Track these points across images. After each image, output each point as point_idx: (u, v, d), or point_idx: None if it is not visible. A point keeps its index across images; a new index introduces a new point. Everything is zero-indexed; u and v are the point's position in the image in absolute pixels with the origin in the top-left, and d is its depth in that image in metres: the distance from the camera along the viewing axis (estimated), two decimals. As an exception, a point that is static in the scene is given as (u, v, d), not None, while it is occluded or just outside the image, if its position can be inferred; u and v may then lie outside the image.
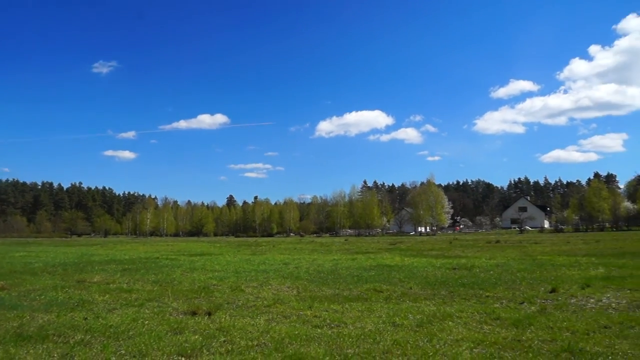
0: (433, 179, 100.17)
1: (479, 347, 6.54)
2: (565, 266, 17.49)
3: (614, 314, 8.65)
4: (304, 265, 20.49)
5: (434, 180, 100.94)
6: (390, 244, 44.47)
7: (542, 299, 10.51)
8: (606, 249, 27.90)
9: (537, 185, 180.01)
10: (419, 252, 30.08)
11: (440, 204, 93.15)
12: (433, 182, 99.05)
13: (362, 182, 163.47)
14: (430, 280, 14.12)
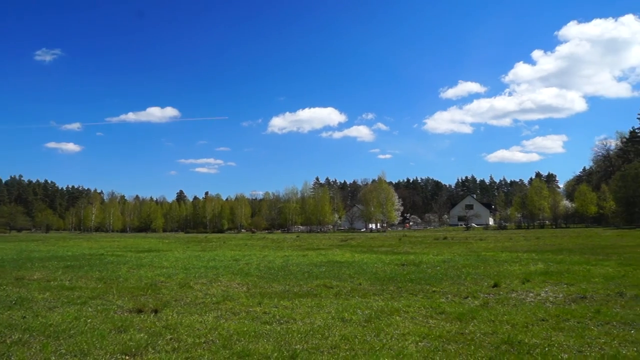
0: (384, 176, 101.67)
1: (425, 341, 6.71)
2: (508, 262, 18.17)
3: (551, 308, 9.06)
4: (255, 261, 20.37)
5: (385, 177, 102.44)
6: (341, 240, 44.84)
7: (485, 294, 10.88)
8: (545, 246, 29.18)
9: (483, 184, 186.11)
10: (369, 248, 30.49)
11: (390, 201, 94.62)
12: (384, 179, 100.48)
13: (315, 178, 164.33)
14: (379, 276, 14.34)
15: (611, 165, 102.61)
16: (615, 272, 14.16)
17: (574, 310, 8.73)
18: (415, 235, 54.82)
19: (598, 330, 7.14)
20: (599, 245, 27.61)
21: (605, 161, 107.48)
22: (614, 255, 20.43)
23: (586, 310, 8.60)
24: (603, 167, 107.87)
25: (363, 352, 6.19)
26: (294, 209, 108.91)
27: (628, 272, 14.04)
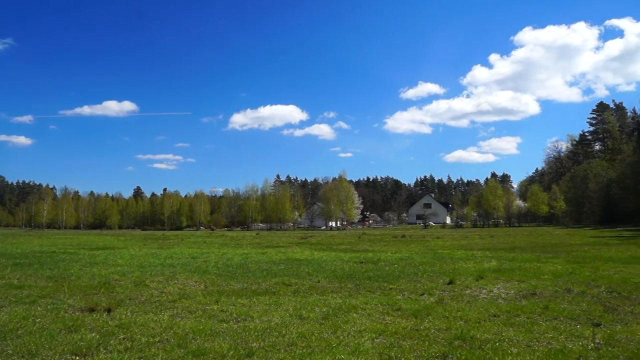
0: (345, 175, 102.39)
1: (380, 337, 6.80)
2: (463, 260, 18.62)
3: (503, 304, 9.34)
4: (213, 259, 20.13)
5: (346, 176, 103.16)
6: (301, 238, 44.87)
7: (440, 291, 11.11)
8: (499, 244, 30.07)
9: (441, 183, 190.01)
10: (329, 246, 30.64)
11: (350, 199, 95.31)
12: (344, 178, 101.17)
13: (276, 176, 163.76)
14: (338, 274, 14.43)
15: (562, 167, 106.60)
16: (563, 269, 14.72)
17: (524, 306, 9.02)
18: (375, 234, 55.43)
19: (546, 325, 7.41)
20: (549, 244, 28.64)
21: (557, 163, 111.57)
22: (562, 253, 21.24)
23: (535, 306, 8.90)
24: (554, 168, 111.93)
25: (320, 349, 6.21)
26: (254, 206, 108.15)
27: (575, 269, 14.61)
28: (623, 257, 18.49)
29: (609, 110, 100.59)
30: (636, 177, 54.58)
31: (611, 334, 6.72)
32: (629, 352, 5.80)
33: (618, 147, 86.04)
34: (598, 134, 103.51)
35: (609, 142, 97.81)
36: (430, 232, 57.72)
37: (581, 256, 19.32)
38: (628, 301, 9.36)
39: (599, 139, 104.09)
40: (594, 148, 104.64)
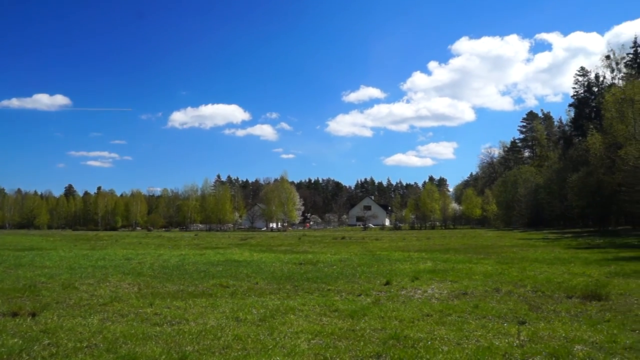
0: (286, 176, 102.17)
1: (317, 338, 6.83)
2: (400, 261, 19.04)
3: (436, 303, 9.63)
4: (149, 260, 19.55)
5: (287, 177, 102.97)
6: (241, 239, 44.42)
7: (377, 291, 11.30)
8: (435, 245, 31.00)
9: (380, 186, 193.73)
10: (269, 247, 30.50)
11: (292, 200, 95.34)
12: (286, 179, 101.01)
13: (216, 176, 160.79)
14: (276, 275, 14.39)
15: (494, 172, 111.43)
16: (493, 269, 15.37)
17: (456, 305, 9.34)
18: (315, 235, 55.71)
19: (475, 324, 7.70)
20: (481, 245, 29.83)
21: (490, 168, 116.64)
22: (493, 254, 22.18)
23: (466, 305, 9.23)
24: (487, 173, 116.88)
25: (255, 352, 6.16)
26: (193, 206, 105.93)
27: (504, 269, 15.29)
28: (548, 258, 19.53)
29: (537, 119, 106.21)
30: (561, 183, 57.85)
31: (535, 331, 7.07)
32: (550, 349, 6.13)
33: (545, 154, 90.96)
34: (527, 141, 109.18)
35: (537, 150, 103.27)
36: (370, 234, 58.69)
37: (510, 257, 20.25)
38: (551, 300, 9.89)
39: (528, 146, 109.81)
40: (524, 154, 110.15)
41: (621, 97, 40.25)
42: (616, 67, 60.93)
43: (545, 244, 29.94)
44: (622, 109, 39.51)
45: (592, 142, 47.65)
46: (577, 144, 65.01)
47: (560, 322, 7.72)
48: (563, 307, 9.00)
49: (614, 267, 15.36)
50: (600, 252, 22.07)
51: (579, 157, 57.79)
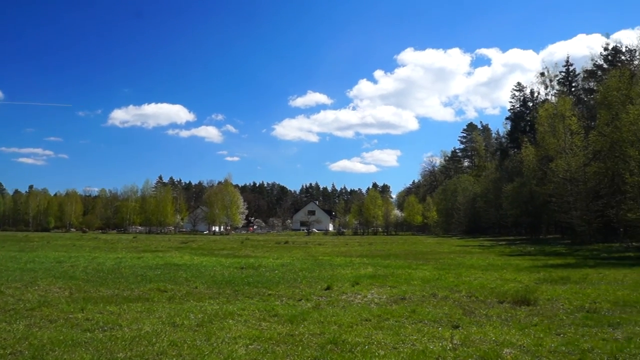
0: (230, 179, 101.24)
1: (255, 343, 6.77)
2: (342, 266, 19.21)
3: (375, 308, 9.77)
4: (82, 263, 18.77)
5: (232, 180, 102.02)
6: (181, 242, 43.46)
7: (318, 296, 11.35)
8: (376, 251, 31.52)
9: (325, 191, 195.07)
10: (210, 251, 30.01)
11: (235, 204, 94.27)
12: (230, 182, 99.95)
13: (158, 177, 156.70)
14: (217, 280, 14.17)
15: (435, 180, 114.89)
16: (431, 275, 15.79)
17: (394, 310, 9.52)
18: (258, 239, 55.30)
19: (412, 328, 7.87)
20: (420, 252, 30.60)
21: (431, 176, 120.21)
22: (432, 260, 22.80)
23: (404, 310, 9.43)
24: (429, 181, 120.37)
25: (191, 358, 6.03)
26: (132, 208, 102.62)
27: (442, 275, 15.75)
28: (483, 264, 20.29)
29: (476, 131, 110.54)
30: (497, 192, 60.37)
31: (467, 335, 7.32)
32: (480, 352, 6.36)
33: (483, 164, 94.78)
34: (467, 151, 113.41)
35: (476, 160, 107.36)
36: (313, 239, 58.89)
37: (447, 263, 20.87)
38: (484, 305, 10.27)
39: (467, 156, 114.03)
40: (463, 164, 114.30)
41: (553, 113, 42.49)
42: (550, 84, 64.36)
43: (481, 251, 31.08)
44: (553, 124, 41.71)
45: (526, 154, 49.96)
46: (512, 155, 67.99)
47: (491, 326, 8.02)
48: (495, 312, 9.36)
49: (543, 274, 16.14)
50: (531, 260, 23.15)
51: (514, 168, 60.55)
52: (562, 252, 29.39)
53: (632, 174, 28.44)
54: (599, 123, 36.16)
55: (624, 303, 10.14)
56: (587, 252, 29.15)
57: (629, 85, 32.64)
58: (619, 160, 31.67)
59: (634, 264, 19.97)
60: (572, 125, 39.92)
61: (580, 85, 62.69)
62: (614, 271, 16.90)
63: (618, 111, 31.51)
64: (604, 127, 34.26)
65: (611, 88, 33.83)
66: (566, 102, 42.79)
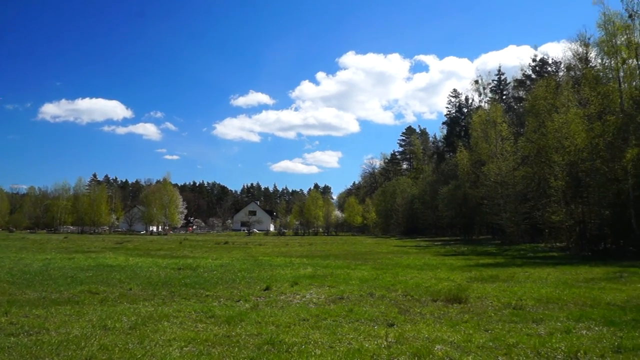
0: (169, 177, 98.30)
1: (190, 345, 6.63)
2: (281, 266, 19.18)
3: (313, 308, 9.82)
4: (7, 265, 17.73)
5: (170, 179, 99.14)
6: (116, 242, 41.92)
7: (256, 297, 11.27)
8: (316, 251, 31.69)
9: (267, 192, 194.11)
10: (147, 251, 29.12)
11: (174, 203, 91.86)
12: (169, 180, 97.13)
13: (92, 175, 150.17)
14: (152, 281, 13.79)
15: (375, 182, 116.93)
16: (369, 275, 16.06)
17: (332, 309, 9.60)
18: (197, 239, 54.23)
19: (349, 327, 7.97)
20: (359, 252, 31.06)
21: (371, 178, 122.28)
22: (370, 260, 23.20)
23: (342, 310, 9.53)
24: (369, 182, 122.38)
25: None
26: (64, 207, 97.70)
27: (379, 275, 16.05)
28: (419, 264, 20.86)
29: (415, 134, 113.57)
30: (434, 194, 62.30)
31: (401, 333, 7.50)
32: (413, 349, 6.53)
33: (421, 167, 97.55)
34: (406, 154, 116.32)
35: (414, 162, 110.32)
36: (253, 239, 58.43)
37: (385, 263, 21.31)
38: (419, 303, 10.56)
39: (406, 158, 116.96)
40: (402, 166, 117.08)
41: (486, 119, 44.47)
42: (483, 91, 67.32)
43: (417, 251, 31.96)
44: (486, 130, 43.64)
45: (460, 158, 51.93)
46: (448, 159, 70.50)
47: (425, 324, 8.26)
48: (428, 310, 9.64)
49: (474, 273, 16.81)
50: (464, 259, 24.06)
51: (449, 171, 62.75)
52: (492, 252, 30.72)
53: (557, 178, 30.15)
54: (527, 130, 38.19)
55: (547, 300, 10.73)
56: (515, 252, 30.65)
57: (555, 95, 34.61)
58: (544, 165, 33.55)
59: (557, 263, 21.19)
60: (503, 131, 41.90)
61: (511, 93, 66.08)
62: (538, 270, 17.86)
63: (544, 119, 33.34)
64: (531, 133, 36.14)
65: (538, 97, 35.73)
66: (498, 109, 44.86)
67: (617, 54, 27.27)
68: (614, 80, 27.97)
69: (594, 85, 28.97)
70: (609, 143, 26.05)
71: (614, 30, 27.26)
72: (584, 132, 28.37)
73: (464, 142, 56.97)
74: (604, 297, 11.03)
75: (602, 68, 29.46)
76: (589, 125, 28.39)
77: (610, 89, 27.74)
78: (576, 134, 28.76)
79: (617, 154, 25.37)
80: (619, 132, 25.59)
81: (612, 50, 27.30)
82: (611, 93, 27.60)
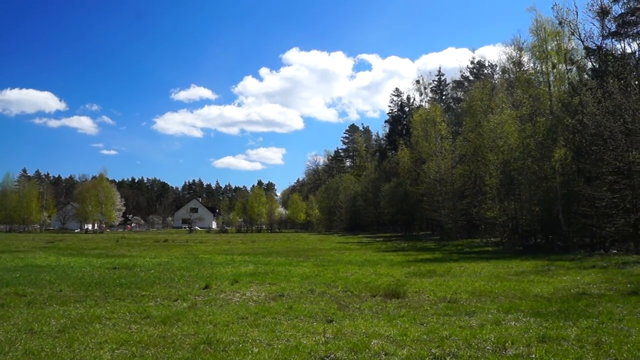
0: (106, 173, 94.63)
1: (122, 348, 6.43)
2: (222, 264, 18.95)
3: (253, 306, 9.77)
4: None
5: (107, 175, 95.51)
6: (48, 241, 39.98)
7: (195, 296, 11.08)
8: (259, 249, 31.51)
9: (209, 188, 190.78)
10: (80, 251, 27.96)
11: (111, 200, 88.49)
12: (106, 176, 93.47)
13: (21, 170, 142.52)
14: (85, 281, 13.26)
15: (319, 179, 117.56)
16: (310, 271, 16.15)
17: (272, 307, 9.59)
18: (135, 237, 52.62)
19: (287, 324, 7.99)
20: (302, 249, 31.14)
21: (315, 175, 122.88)
22: (312, 257, 23.31)
23: (282, 307, 9.54)
24: (313, 179, 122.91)
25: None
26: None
27: (320, 271, 16.17)
28: (360, 260, 21.17)
29: (358, 132, 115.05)
30: (376, 192, 63.38)
31: (340, 329, 7.59)
32: (351, 344, 6.62)
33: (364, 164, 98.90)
34: (349, 151, 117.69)
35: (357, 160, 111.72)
36: (195, 237, 57.36)
37: (327, 260, 21.48)
38: (358, 299, 10.72)
39: (349, 156, 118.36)
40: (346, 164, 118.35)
41: (426, 118, 45.61)
42: (424, 91, 68.93)
43: (359, 247, 32.42)
44: (426, 129, 44.77)
45: (401, 156, 53.09)
46: (390, 156, 71.82)
47: (363, 319, 8.40)
48: (367, 305, 9.81)
49: (413, 268, 17.26)
50: (404, 255, 24.64)
51: (391, 169, 64.03)
52: (431, 248, 31.66)
53: (491, 176, 31.54)
54: (465, 129, 39.62)
55: (479, 293, 11.18)
56: (453, 247, 31.73)
57: (490, 97, 36.11)
58: (480, 164, 34.97)
59: (491, 258, 22.11)
60: (442, 130, 43.15)
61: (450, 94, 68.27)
62: (473, 264, 18.58)
63: (481, 119, 34.73)
64: (468, 133, 37.53)
65: (475, 98, 37.15)
66: (437, 108, 46.18)
67: (547, 59, 28.64)
68: (545, 83, 29.36)
69: (526, 88, 30.31)
70: (539, 143, 27.40)
71: (545, 36, 28.61)
72: (516, 133, 29.72)
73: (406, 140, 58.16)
74: (532, 289, 11.62)
75: (534, 72, 30.80)
76: (521, 126, 29.76)
77: (541, 92, 29.12)
78: (509, 134, 30.11)
79: (547, 154, 26.73)
80: (549, 132, 26.96)
81: (543, 55, 28.64)
82: (542, 96, 28.99)
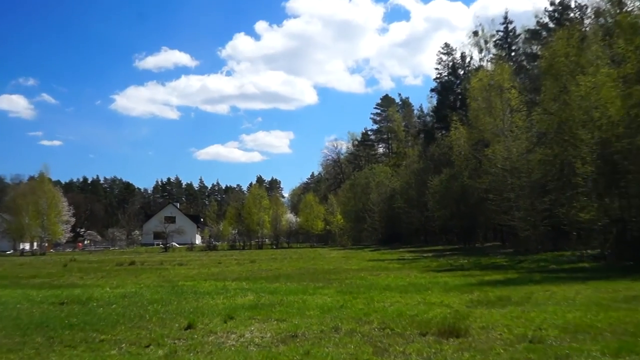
0: (48, 172, 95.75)
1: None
2: (211, 294, 18.96)
3: (255, 352, 9.69)
4: None
5: (50, 174, 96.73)
6: (-29, 268, 40.63)
7: (173, 339, 11.06)
8: (261, 271, 31.56)
9: (190, 189, 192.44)
10: (14, 280, 28.33)
11: (56, 209, 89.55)
12: (48, 177, 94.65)
13: None
14: (22, 323, 13.36)
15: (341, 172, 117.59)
16: (333, 301, 16.05)
17: (281, 353, 9.50)
18: (91, 260, 53.19)
19: (304, 378, 7.90)
20: (321, 270, 31.11)
21: (335, 167, 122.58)
22: (335, 281, 23.24)
23: (294, 352, 9.44)
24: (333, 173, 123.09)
25: None
26: None
27: (347, 301, 16.07)
28: (401, 284, 21.04)
29: (394, 106, 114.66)
30: (421, 188, 62.84)
31: (378, 383, 7.47)
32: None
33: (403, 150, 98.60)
34: (382, 134, 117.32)
35: (393, 145, 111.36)
36: (172, 257, 57.77)
37: (356, 285, 21.38)
38: (401, 339, 10.58)
39: (383, 139, 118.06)
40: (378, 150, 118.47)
41: (489, 84, 45.02)
42: (485, 46, 68.36)
43: (400, 266, 32.28)
44: (489, 98, 44.18)
45: (455, 137, 52.64)
46: (439, 139, 71.30)
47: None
48: (414, 348, 9.67)
49: (477, 294, 17.05)
50: (464, 275, 24.45)
51: (441, 156, 63.52)
52: (502, 265, 31.37)
53: (585, 162, 30.51)
54: (544, 98, 38.65)
55: (574, 329, 10.95)
56: (532, 263, 31.39)
57: (580, 51, 35.34)
58: (568, 146, 34.04)
59: (588, 278, 21.78)
60: (512, 100, 42.59)
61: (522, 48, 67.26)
62: (564, 287, 18.31)
63: (567, 83, 33.96)
64: (550, 102, 36.76)
65: (558, 53, 36.39)
66: (505, 70, 45.50)
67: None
68: (658, 29, 28.85)
69: (631, 36, 29.76)
70: (653, 113, 26.91)
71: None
72: (619, 100, 29.09)
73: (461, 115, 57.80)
74: (650, 321, 11.36)
75: (643, 12, 30.29)
76: (626, 90, 29.15)
77: (653, 41, 28.58)
78: (609, 102, 29.46)
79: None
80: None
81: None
82: (655, 46, 28.45)
